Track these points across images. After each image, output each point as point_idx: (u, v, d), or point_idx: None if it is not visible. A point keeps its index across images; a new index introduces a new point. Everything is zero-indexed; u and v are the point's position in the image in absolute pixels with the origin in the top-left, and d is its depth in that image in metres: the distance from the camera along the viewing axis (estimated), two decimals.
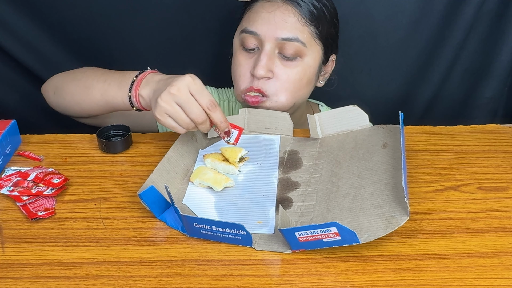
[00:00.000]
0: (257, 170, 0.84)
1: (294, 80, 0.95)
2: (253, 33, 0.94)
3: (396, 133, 0.82)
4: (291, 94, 0.95)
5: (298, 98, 0.98)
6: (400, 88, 1.29)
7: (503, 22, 1.19)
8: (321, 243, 0.65)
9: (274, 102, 0.95)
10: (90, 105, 0.94)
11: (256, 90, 0.94)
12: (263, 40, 0.93)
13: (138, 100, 0.85)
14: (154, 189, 0.72)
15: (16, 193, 0.78)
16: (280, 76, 0.94)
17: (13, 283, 0.64)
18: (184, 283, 0.63)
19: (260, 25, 0.93)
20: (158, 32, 1.21)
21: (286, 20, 0.92)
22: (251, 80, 0.95)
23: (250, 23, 0.95)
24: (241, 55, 0.97)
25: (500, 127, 0.93)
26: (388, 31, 1.21)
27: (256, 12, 0.95)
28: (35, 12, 1.18)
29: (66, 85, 0.97)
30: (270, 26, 0.93)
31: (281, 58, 0.94)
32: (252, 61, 0.95)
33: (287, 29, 0.92)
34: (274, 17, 0.93)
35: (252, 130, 0.94)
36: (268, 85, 0.94)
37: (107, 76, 0.92)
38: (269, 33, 0.93)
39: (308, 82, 0.98)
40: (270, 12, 0.93)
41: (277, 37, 0.92)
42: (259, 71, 0.92)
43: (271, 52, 0.93)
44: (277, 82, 0.94)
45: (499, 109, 1.32)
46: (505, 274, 0.64)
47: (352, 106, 0.89)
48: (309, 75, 0.97)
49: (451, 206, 0.75)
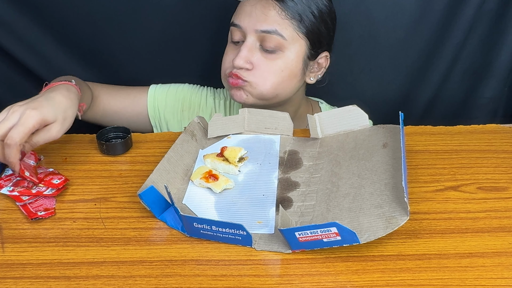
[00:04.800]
0: (257, 170, 0.84)
1: (274, 71, 0.97)
2: (237, 26, 0.98)
3: (396, 133, 0.82)
4: (271, 84, 0.97)
5: (280, 90, 0.99)
6: (400, 88, 1.29)
7: (503, 22, 1.19)
8: (321, 243, 0.65)
9: (254, 88, 0.97)
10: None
11: (235, 75, 0.97)
12: (245, 32, 0.97)
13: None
14: (154, 189, 0.72)
15: (16, 193, 0.78)
16: (259, 67, 0.97)
17: (13, 283, 0.64)
18: (184, 283, 0.63)
19: (243, 18, 0.97)
20: (158, 32, 1.21)
21: (266, 13, 0.95)
22: (232, 67, 0.98)
23: (236, 16, 0.99)
24: (229, 47, 1.02)
25: (500, 127, 0.93)
26: (388, 31, 1.21)
27: (241, 6, 0.99)
28: (35, 12, 1.17)
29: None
30: (251, 19, 0.96)
31: (262, 50, 0.97)
32: (236, 52, 0.98)
33: (267, 22, 0.95)
34: (255, 10, 0.96)
35: (252, 130, 0.94)
36: (247, 75, 0.97)
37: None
38: (250, 26, 0.96)
39: (290, 74, 0.99)
40: (252, 6, 0.97)
41: (257, 30, 0.95)
42: (237, 61, 0.95)
43: (252, 44, 0.96)
44: (256, 72, 0.97)
45: (499, 109, 1.31)
46: (505, 274, 0.64)
47: (352, 106, 0.89)
48: (291, 68, 0.98)
49: (451, 206, 0.75)
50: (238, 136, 0.92)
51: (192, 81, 1.16)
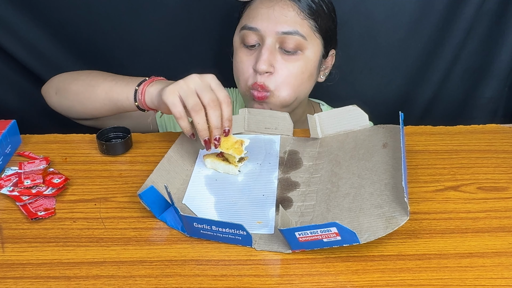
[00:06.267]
0: (257, 170, 0.84)
1: (296, 74, 0.95)
2: (254, 29, 0.95)
3: (396, 133, 0.82)
4: (292, 89, 0.96)
5: (299, 93, 0.98)
6: (400, 88, 1.29)
7: (503, 22, 1.19)
8: (321, 243, 0.65)
9: (277, 97, 0.96)
10: (93, 104, 0.94)
11: (260, 87, 0.95)
12: (263, 35, 0.94)
13: (144, 95, 0.86)
14: (154, 189, 0.72)
15: (16, 193, 0.78)
16: (281, 71, 0.95)
17: (13, 283, 0.64)
18: (184, 283, 0.63)
19: (260, 20, 0.94)
20: (158, 32, 1.21)
21: (286, 14, 0.94)
22: (254, 76, 0.96)
23: (250, 19, 0.96)
24: (242, 52, 0.98)
25: (500, 127, 0.93)
26: (388, 31, 1.21)
27: (256, 9, 0.96)
28: (36, 12, 1.18)
29: (69, 84, 0.97)
30: (270, 21, 0.94)
31: (282, 52, 0.95)
32: (253, 57, 0.96)
33: (287, 23, 0.93)
34: (273, 12, 0.94)
35: (252, 130, 0.94)
36: (269, 81, 0.95)
37: (115, 77, 0.94)
38: (269, 28, 0.94)
39: (309, 76, 0.98)
40: (269, 8, 0.94)
41: (278, 31, 0.93)
42: (261, 66, 0.93)
43: (272, 46, 0.94)
44: (278, 77, 0.95)
45: (499, 109, 1.32)
46: (505, 274, 0.64)
47: (352, 106, 0.89)
48: (310, 69, 0.97)
49: (451, 206, 0.75)
50: (238, 136, 0.92)
51: None
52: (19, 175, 0.81)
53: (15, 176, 0.82)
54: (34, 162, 0.84)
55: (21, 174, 0.81)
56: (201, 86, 0.79)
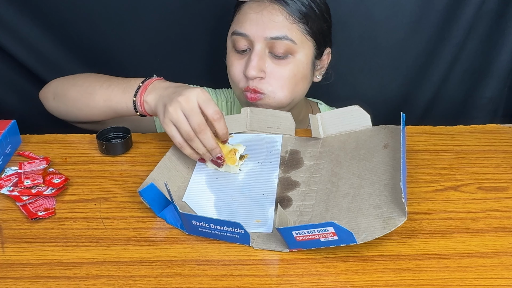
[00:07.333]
0: (257, 169, 0.84)
1: (288, 77, 0.96)
2: (243, 34, 0.95)
3: (398, 134, 0.82)
4: (288, 90, 0.96)
5: (295, 94, 0.98)
6: (400, 88, 1.29)
7: (503, 22, 1.19)
8: (318, 242, 0.65)
9: (272, 98, 0.96)
10: (92, 111, 0.94)
11: (252, 90, 0.95)
12: (253, 41, 0.94)
13: (143, 105, 0.86)
14: (154, 186, 0.72)
15: (16, 193, 0.78)
16: (272, 75, 0.95)
17: (13, 283, 0.64)
18: (184, 283, 0.63)
19: (248, 26, 0.94)
20: (158, 32, 1.21)
21: (274, 19, 0.93)
22: (245, 81, 0.96)
23: (239, 25, 0.96)
24: (233, 57, 0.98)
25: (500, 127, 0.93)
26: (388, 31, 1.21)
27: (244, 14, 0.96)
28: (36, 13, 1.18)
29: (67, 90, 0.97)
30: (258, 27, 0.93)
31: (272, 57, 0.95)
32: (243, 62, 0.96)
33: (276, 28, 0.93)
34: (262, 17, 0.93)
35: (254, 129, 0.94)
36: (262, 85, 0.95)
37: (111, 82, 0.92)
38: (258, 34, 0.93)
39: (303, 77, 0.98)
40: (258, 13, 0.94)
41: (266, 37, 0.93)
42: (250, 72, 0.93)
43: (261, 52, 0.94)
44: (270, 80, 0.95)
45: (499, 109, 1.32)
46: (505, 274, 0.64)
47: (355, 106, 0.89)
48: (303, 70, 0.97)
49: (451, 206, 0.75)
50: (240, 135, 0.92)
51: (192, 82, 1.16)
52: (19, 175, 0.81)
53: (15, 176, 0.82)
54: (34, 162, 0.84)
55: (21, 174, 0.81)
56: (187, 110, 0.78)
